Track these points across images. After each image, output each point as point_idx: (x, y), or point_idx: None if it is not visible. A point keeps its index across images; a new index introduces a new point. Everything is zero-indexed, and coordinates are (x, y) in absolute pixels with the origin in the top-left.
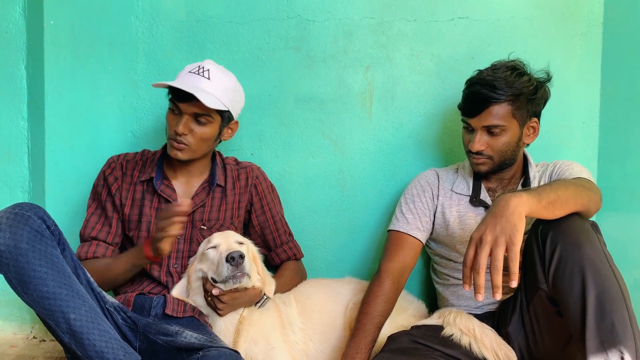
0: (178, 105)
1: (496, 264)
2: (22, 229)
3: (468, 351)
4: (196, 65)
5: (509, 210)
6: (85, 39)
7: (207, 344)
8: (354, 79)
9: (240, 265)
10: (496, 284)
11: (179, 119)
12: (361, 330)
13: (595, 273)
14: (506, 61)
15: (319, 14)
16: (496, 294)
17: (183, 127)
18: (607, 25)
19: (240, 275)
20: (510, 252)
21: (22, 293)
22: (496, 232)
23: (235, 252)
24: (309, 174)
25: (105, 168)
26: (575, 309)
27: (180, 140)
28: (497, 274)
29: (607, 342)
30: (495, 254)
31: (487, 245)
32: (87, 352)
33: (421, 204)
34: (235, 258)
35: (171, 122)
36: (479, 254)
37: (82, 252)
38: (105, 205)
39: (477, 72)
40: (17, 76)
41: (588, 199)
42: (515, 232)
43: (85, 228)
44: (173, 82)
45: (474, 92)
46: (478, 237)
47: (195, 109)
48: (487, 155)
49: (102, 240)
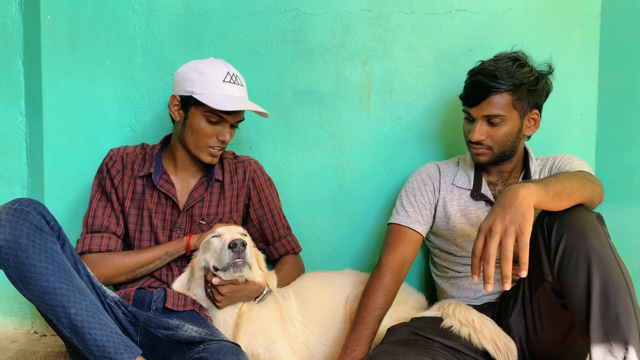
0: (225, 117)
1: (506, 254)
2: (21, 225)
3: (467, 342)
4: (225, 73)
5: (518, 201)
6: (83, 33)
7: (207, 338)
8: (352, 72)
9: (242, 252)
10: (506, 274)
11: (221, 129)
12: (361, 323)
13: (600, 264)
14: (508, 53)
15: (316, 7)
16: (506, 283)
17: (230, 136)
18: (604, 17)
19: (242, 264)
20: (520, 242)
21: (23, 288)
22: (506, 222)
23: (238, 239)
24: (308, 167)
25: (107, 160)
26: (580, 300)
27: (222, 147)
28: (507, 263)
29: (612, 332)
30: (505, 244)
31: (497, 235)
32: (88, 346)
33: (422, 198)
34: (238, 245)
35: (209, 130)
36: (488, 243)
37: (93, 244)
38: (110, 197)
39: (479, 63)
40: (14, 71)
41: (592, 190)
42: (525, 222)
43: (94, 218)
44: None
45: (475, 82)
46: (487, 227)
47: (238, 117)
48: (486, 146)
49: (113, 232)
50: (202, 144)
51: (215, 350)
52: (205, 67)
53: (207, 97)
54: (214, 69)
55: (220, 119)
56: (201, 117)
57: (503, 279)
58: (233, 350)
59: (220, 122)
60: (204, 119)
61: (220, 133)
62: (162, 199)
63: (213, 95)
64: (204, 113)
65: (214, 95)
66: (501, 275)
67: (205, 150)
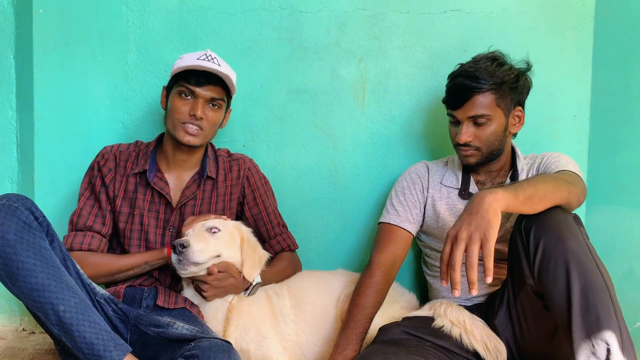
0: (193, 89)
1: (471, 261)
2: (9, 221)
3: (458, 342)
4: (202, 53)
5: (484, 207)
6: (75, 28)
7: (198, 335)
8: (346, 70)
9: (182, 254)
10: (471, 280)
11: (193, 104)
12: (352, 322)
13: (579, 266)
14: (486, 53)
15: (311, 5)
16: (472, 289)
17: (201, 111)
18: (598, 19)
19: (185, 263)
20: (485, 248)
21: (11, 285)
22: (471, 229)
23: (177, 241)
24: (302, 166)
25: (99, 159)
26: (560, 302)
27: (197, 125)
28: (472, 270)
29: (593, 333)
30: (469, 251)
31: (462, 242)
32: (77, 343)
33: (411, 197)
34: (176, 247)
35: (181, 106)
36: (454, 250)
37: (75, 242)
38: (99, 196)
39: (458, 66)
40: (5, 65)
41: (567, 192)
42: (490, 228)
43: (79, 217)
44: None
45: (457, 84)
46: (454, 233)
47: (212, 93)
48: (475, 147)
49: (97, 232)
50: (176, 121)
51: (206, 347)
52: (188, 53)
53: (177, 67)
54: (193, 53)
55: (189, 91)
56: (176, 94)
57: (469, 284)
58: (224, 347)
59: (192, 96)
60: (177, 96)
61: (192, 108)
62: (155, 197)
63: (183, 66)
64: (177, 89)
65: (184, 66)
66: (467, 281)
67: (180, 127)
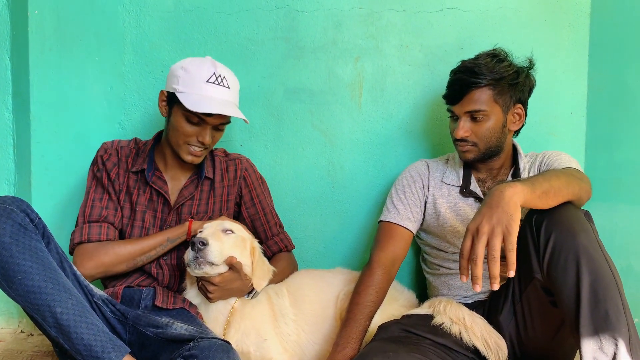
0: (203, 118)
1: (494, 254)
2: (4, 223)
3: (458, 340)
4: (211, 74)
5: (505, 200)
6: (71, 28)
7: (197, 335)
8: (343, 70)
9: (200, 252)
10: (494, 274)
11: (200, 130)
12: (352, 320)
13: (589, 261)
14: (488, 50)
15: (308, 4)
16: (494, 284)
17: (209, 137)
18: (594, 17)
19: (201, 262)
20: (508, 242)
21: (7, 288)
22: (493, 223)
23: (197, 238)
24: (299, 165)
25: (102, 153)
26: (569, 297)
27: (203, 147)
28: (494, 264)
29: (601, 329)
30: (492, 244)
31: (485, 236)
32: (75, 345)
33: (412, 195)
34: (195, 244)
35: (188, 129)
36: (476, 244)
37: (92, 232)
38: (107, 188)
39: (460, 62)
40: (1, 67)
41: (579, 188)
42: (512, 221)
43: (92, 208)
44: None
45: (456, 79)
46: (475, 228)
47: (221, 120)
48: (471, 142)
49: (111, 223)
50: (181, 142)
51: (205, 347)
52: (193, 65)
53: (186, 97)
54: (199, 68)
55: (200, 120)
56: (182, 116)
57: (491, 279)
58: (223, 347)
59: (201, 123)
60: (184, 119)
61: (200, 134)
62: (153, 196)
63: (192, 95)
64: (184, 112)
65: (193, 95)
66: (490, 275)
67: (185, 149)
